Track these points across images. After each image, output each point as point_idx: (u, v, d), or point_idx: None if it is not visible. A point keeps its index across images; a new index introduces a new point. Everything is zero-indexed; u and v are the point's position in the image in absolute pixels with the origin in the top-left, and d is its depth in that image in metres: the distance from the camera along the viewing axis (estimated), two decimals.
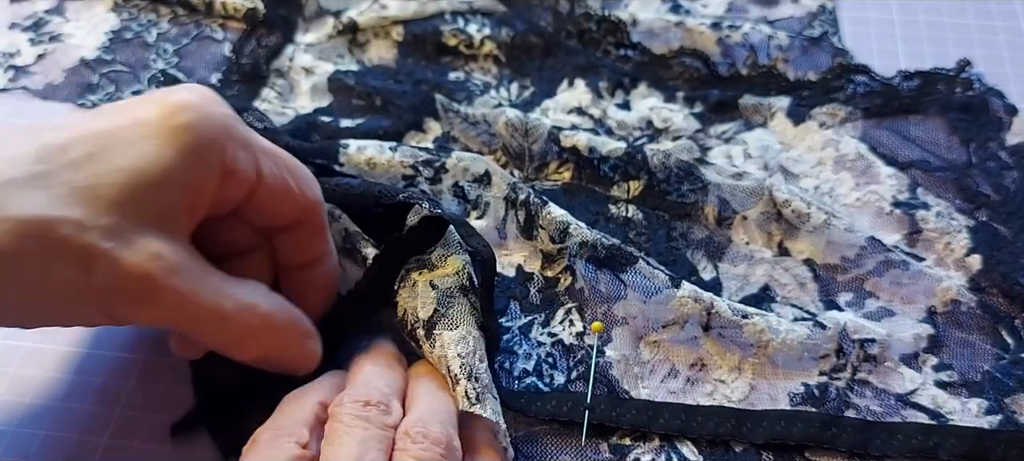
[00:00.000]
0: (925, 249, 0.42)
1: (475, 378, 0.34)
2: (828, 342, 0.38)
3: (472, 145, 0.48)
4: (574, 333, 0.39)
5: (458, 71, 0.53)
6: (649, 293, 0.39)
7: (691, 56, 0.52)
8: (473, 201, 0.43)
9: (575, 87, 0.51)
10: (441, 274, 0.37)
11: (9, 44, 0.55)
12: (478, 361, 0.35)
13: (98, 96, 0.52)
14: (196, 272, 0.30)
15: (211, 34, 0.56)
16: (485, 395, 0.34)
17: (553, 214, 0.41)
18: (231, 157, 0.30)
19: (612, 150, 0.45)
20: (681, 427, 0.35)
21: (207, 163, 0.30)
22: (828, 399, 0.37)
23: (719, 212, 0.43)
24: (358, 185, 0.40)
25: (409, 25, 0.54)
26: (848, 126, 0.48)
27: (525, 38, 0.53)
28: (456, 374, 0.34)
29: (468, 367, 0.34)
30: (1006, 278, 0.40)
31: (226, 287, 0.31)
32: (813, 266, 0.42)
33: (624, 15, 0.54)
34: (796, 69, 0.52)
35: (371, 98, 0.50)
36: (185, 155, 0.29)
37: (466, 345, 0.35)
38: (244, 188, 0.32)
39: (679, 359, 0.38)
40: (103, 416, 0.37)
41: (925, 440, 0.35)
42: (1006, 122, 0.47)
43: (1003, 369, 0.38)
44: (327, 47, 0.54)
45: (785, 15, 0.55)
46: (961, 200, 0.44)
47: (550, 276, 0.41)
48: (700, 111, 0.49)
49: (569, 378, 0.38)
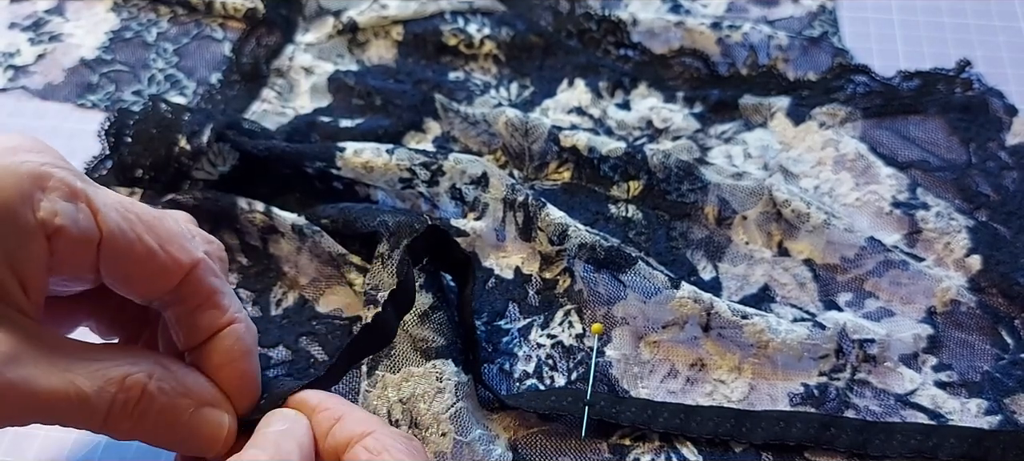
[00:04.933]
0: (925, 249, 0.42)
1: (415, 424, 0.35)
2: (828, 342, 0.38)
3: (472, 145, 0.48)
4: (574, 335, 0.39)
5: (458, 71, 0.53)
6: (649, 294, 0.39)
7: (691, 56, 0.52)
8: (471, 203, 0.43)
9: (575, 87, 0.51)
10: None
11: (9, 44, 0.55)
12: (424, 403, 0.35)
13: (98, 96, 0.52)
14: (36, 354, 0.25)
15: (211, 34, 0.56)
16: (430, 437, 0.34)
17: (552, 216, 0.41)
18: (48, 212, 0.25)
19: (612, 150, 0.45)
20: (681, 426, 0.35)
21: (14, 222, 0.25)
22: (828, 399, 0.37)
23: (719, 212, 0.43)
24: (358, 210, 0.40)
25: (409, 25, 0.54)
26: (848, 126, 0.48)
27: (525, 38, 0.53)
28: (397, 420, 0.35)
29: (409, 413, 0.35)
30: (1006, 278, 0.40)
31: (82, 365, 0.26)
32: (813, 266, 0.42)
33: (624, 15, 0.54)
34: (796, 69, 0.52)
35: (371, 98, 0.50)
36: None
37: (408, 388, 0.35)
38: (83, 247, 0.26)
39: (679, 359, 0.38)
40: None
41: (924, 440, 0.35)
42: (1006, 122, 0.47)
43: (1002, 369, 0.38)
44: (327, 47, 0.54)
45: (785, 15, 0.55)
46: (961, 200, 0.44)
47: (549, 278, 0.41)
48: (700, 111, 0.49)
49: (569, 380, 0.38)
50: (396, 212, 0.40)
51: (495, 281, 0.41)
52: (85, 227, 0.26)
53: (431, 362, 0.36)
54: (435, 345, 0.36)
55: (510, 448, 0.35)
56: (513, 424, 0.36)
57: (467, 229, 0.42)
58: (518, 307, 0.40)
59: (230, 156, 0.44)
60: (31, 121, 0.51)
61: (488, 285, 0.41)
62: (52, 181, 0.26)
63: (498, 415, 0.36)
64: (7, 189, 0.25)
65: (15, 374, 0.24)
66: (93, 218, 0.27)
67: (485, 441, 0.34)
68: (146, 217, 0.28)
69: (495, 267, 0.42)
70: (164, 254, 0.28)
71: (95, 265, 0.27)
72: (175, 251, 0.28)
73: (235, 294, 0.31)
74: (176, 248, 0.28)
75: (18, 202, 0.25)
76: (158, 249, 0.28)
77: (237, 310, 0.30)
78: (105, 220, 0.27)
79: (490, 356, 0.39)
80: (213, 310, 0.29)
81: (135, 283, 0.28)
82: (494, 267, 0.42)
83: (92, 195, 0.27)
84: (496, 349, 0.39)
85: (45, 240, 0.26)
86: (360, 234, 0.39)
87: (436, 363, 0.36)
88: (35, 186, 0.26)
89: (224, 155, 0.44)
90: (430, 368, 0.36)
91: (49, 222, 0.25)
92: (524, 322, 0.40)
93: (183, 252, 0.28)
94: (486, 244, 0.42)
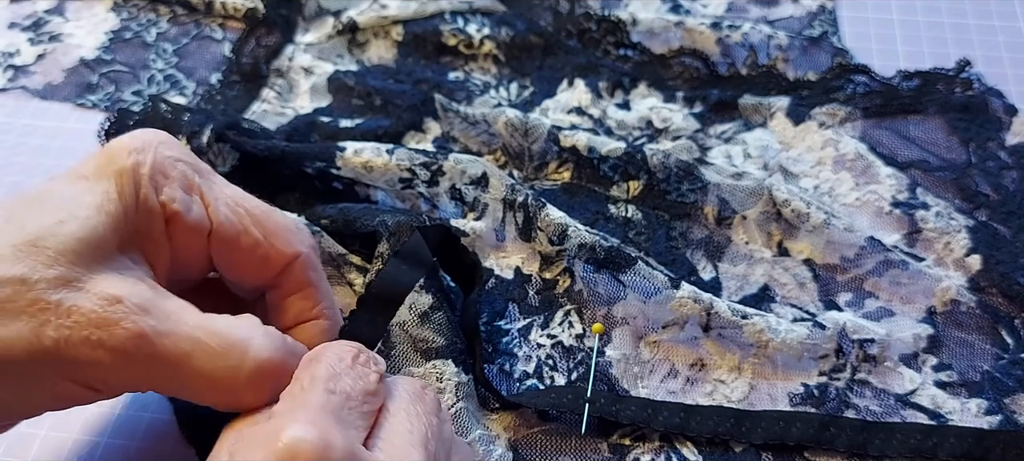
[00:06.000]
0: (924, 249, 0.42)
1: None
2: (828, 342, 0.38)
3: (472, 145, 0.48)
4: (574, 335, 0.39)
5: (458, 71, 0.53)
6: (648, 294, 0.39)
7: (691, 56, 0.52)
8: (471, 203, 0.43)
9: (575, 87, 0.51)
10: None
11: (9, 44, 0.55)
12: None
13: (98, 96, 0.52)
14: (168, 310, 0.27)
15: (211, 34, 0.56)
16: None
17: (552, 216, 0.41)
18: (168, 197, 0.29)
19: (612, 150, 0.45)
20: (681, 425, 0.35)
21: (141, 202, 0.28)
22: (828, 399, 0.37)
23: (719, 212, 0.43)
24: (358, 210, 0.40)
25: (409, 25, 0.54)
26: (848, 126, 0.48)
27: (525, 38, 0.53)
28: None
29: None
30: (1005, 278, 0.40)
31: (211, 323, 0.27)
32: (813, 266, 0.42)
33: (624, 15, 0.54)
34: (796, 69, 0.52)
35: (371, 98, 0.50)
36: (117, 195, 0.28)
37: None
38: (196, 234, 0.30)
39: (679, 359, 0.38)
40: (103, 416, 0.37)
41: (924, 440, 0.35)
42: (1006, 122, 0.47)
43: (1002, 369, 0.38)
44: (327, 47, 0.54)
45: (785, 15, 0.55)
46: (961, 200, 0.44)
47: (548, 278, 0.41)
48: (700, 111, 0.49)
49: (570, 380, 0.38)
50: (396, 212, 0.40)
51: (495, 281, 0.41)
52: (197, 216, 0.29)
53: (431, 362, 0.36)
54: (435, 345, 0.36)
55: (510, 448, 0.35)
56: (513, 424, 0.36)
57: (467, 229, 0.42)
58: (518, 307, 0.40)
59: (230, 156, 0.44)
60: (31, 121, 0.51)
61: (488, 285, 0.41)
62: (174, 172, 0.29)
63: (498, 415, 0.36)
64: (137, 169, 0.28)
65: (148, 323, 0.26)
66: (205, 210, 0.30)
67: (485, 441, 0.34)
68: (255, 211, 0.31)
69: (495, 267, 0.42)
70: (267, 245, 0.31)
71: (207, 254, 0.30)
72: (279, 244, 0.31)
73: (331, 293, 0.33)
74: (280, 241, 0.31)
75: (144, 184, 0.28)
76: (263, 240, 0.31)
77: (327, 307, 0.33)
78: (215, 212, 0.30)
79: (490, 356, 0.39)
80: (304, 301, 0.32)
81: (241, 270, 0.31)
82: (494, 267, 0.42)
83: (207, 189, 0.30)
84: (496, 349, 0.39)
85: (165, 223, 0.29)
86: (360, 234, 0.39)
87: (436, 363, 0.36)
88: (159, 172, 0.29)
89: (224, 155, 0.44)
90: (430, 368, 0.36)
91: (168, 206, 0.29)
92: (524, 322, 0.40)
93: (287, 245, 0.31)
94: (486, 244, 0.42)
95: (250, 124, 0.46)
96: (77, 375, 0.26)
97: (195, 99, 0.51)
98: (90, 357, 0.25)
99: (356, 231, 0.39)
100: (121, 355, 0.26)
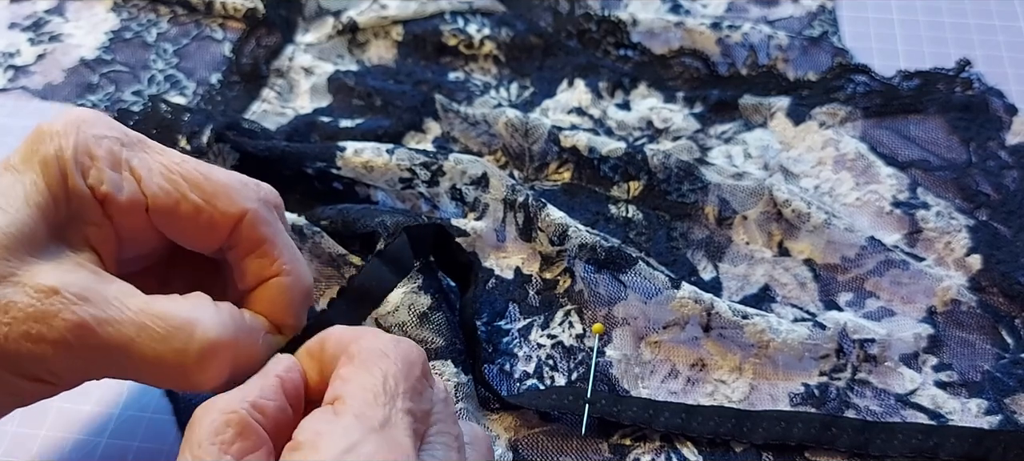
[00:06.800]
0: (925, 249, 0.42)
1: None
2: (828, 342, 0.38)
3: (472, 145, 0.48)
4: (574, 335, 0.39)
5: (458, 71, 0.53)
6: (649, 294, 0.39)
7: (691, 56, 0.52)
8: (471, 203, 0.43)
9: (575, 87, 0.51)
10: (383, 312, 0.37)
11: (9, 44, 0.55)
12: None
13: (98, 96, 0.52)
14: (109, 296, 0.26)
15: (211, 34, 0.56)
16: None
17: (552, 216, 0.41)
18: (95, 180, 0.28)
19: (612, 150, 0.45)
20: (681, 426, 0.35)
21: (71, 189, 0.27)
22: (828, 399, 0.37)
23: (719, 212, 0.43)
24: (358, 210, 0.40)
25: (409, 25, 0.54)
26: (848, 126, 0.48)
27: (525, 38, 0.53)
28: None
29: None
30: (1006, 278, 0.40)
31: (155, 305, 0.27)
32: (813, 266, 0.42)
33: (624, 15, 0.53)
34: (796, 69, 0.52)
35: (371, 98, 0.50)
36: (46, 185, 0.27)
37: None
38: (133, 212, 0.28)
39: (680, 359, 0.38)
40: (103, 416, 0.37)
41: (925, 440, 0.35)
42: (1006, 122, 0.47)
43: (1003, 369, 0.38)
44: (327, 47, 0.54)
45: (785, 15, 0.55)
46: (961, 200, 0.44)
47: (549, 278, 0.41)
48: (700, 111, 0.49)
49: (570, 381, 0.38)
50: (396, 212, 0.40)
51: (495, 281, 0.41)
52: (130, 193, 0.28)
53: (431, 363, 0.36)
54: (435, 346, 0.36)
55: (510, 448, 0.35)
56: (513, 424, 0.36)
57: (467, 229, 0.42)
58: (518, 307, 0.40)
59: (230, 156, 0.44)
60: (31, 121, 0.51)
61: (488, 285, 0.41)
62: (99, 150, 0.28)
63: (498, 415, 0.36)
64: (57, 153, 0.27)
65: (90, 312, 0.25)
66: (137, 185, 0.28)
67: None
68: (192, 175, 0.29)
69: (495, 267, 0.42)
70: (210, 208, 0.29)
71: (153, 226, 0.29)
72: (222, 204, 0.29)
73: (292, 246, 0.31)
74: (223, 202, 0.29)
75: (74, 172, 0.27)
76: (203, 205, 0.29)
77: (287, 261, 0.31)
78: (148, 185, 0.28)
79: (490, 356, 0.39)
80: (261, 259, 0.30)
81: (189, 238, 0.30)
82: (494, 267, 0.42)
83: (137, 163, 0.29)
84: (496, 349, 0.39)
85: (99, 207, 0.28)
86: (360, 234, 0.39)
87: (436, 364, 0.36)
88: (84, 155, 0.27)
89: (224, 155, 0.44)
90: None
91: (97, 190, 0.27)
92: (524, 322, 0.40)
93: (231, 204, 0.29)
94: (486, 244, 0.42)
95: (250, 124, 0.46)
96: (23, 370, 0.26)
97: (195, 99, 0.51)
98: (33, 351, 0.25)
99: (356, 232, 0.39)
100: (63, 347, 0.25)
